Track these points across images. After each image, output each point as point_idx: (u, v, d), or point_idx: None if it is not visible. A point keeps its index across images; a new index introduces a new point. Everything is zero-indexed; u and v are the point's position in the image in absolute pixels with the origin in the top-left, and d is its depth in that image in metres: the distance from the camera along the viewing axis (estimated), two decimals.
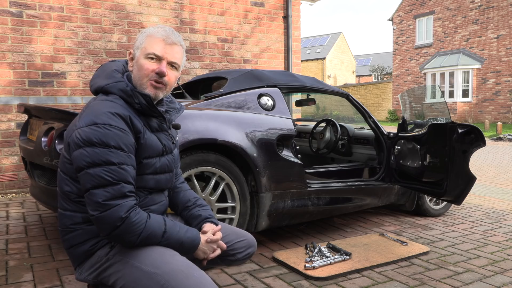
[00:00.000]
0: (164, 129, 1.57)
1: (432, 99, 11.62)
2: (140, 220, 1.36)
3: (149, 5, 5.19)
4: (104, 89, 1.48)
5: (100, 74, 1.55)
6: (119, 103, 1.43)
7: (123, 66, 1.58)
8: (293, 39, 6.38)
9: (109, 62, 1.59)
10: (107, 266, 1.42)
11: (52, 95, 4.64)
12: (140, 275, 1.36)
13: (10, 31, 4.40)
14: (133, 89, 1.46)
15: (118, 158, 1.35)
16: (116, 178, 1.33)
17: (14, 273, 2.35)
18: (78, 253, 1.47)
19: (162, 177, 1.56)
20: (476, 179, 2.90)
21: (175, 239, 1.44)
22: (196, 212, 1.68)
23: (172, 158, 1.61)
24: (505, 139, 12.42)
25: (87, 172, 1.33)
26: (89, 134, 1.34)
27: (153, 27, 1.53)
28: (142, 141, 1.45)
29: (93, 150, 1.33)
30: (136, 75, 1.50)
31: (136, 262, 1.38)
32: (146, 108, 1.47)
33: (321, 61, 34.92)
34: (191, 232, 1.50)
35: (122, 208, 1.32)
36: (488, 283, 2.37)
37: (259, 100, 2.86)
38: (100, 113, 1.37)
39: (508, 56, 17.83)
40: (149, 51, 1.48)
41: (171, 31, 1.52)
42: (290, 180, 2.78)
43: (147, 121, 1.51)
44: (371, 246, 2.89)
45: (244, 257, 1.70)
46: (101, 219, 1.32)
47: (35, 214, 3.62)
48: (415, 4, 21.68)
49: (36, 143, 2.64)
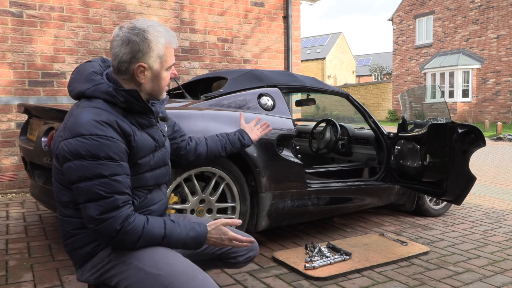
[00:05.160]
0: (153, 123, 1.53)
1: (432, 99, 11.62)
2: (136, 228, 1.34)
3: (149, 5, 5.19)
4: (86, 94, 1.40)
5: (77, 78, 1.47)
6: (103, 107, 1.37)
7: (99, 65, 1.51)
8: (293, 39, 6.38)
9: (85, 64, 1.51)
10: (109, 267, 1.41)
11: (52, 95, 4.64)
12: (144, 277, 1.35)
13: (10, 31, 4.40)
14: (116, 88, 1.39)
15: (109, 170, 1.31)
16: (109, 191, 1.30)
17: (14, 273, 2.35)
18: (80, 255, 1.46)
19: (159, 171, 1.53)
20: (476, 179, 2.90)
21: (177, 241, 1.42)
22: (225, 140, 1.97)
23: (166, 151, 1.59)
24: (505, 139, 12.42)
25: (78, 186, 1.30)
26: (77, 146, 1.29)
27: (157, 33, 1.42)
28: (134, 144, 1.41)
29: (82, 163, 1.29)
30: (156, 87, 1.46)
31: (140, 263, 1.37)
32: (133, 104, 1.42)
33: (321, 61, 34.93)
34: (194, 231, 1.46)
35: (116, 220, 1.31)
36: (488, 283, 2.37)
37: (259, 100, 2.86)
38: (85, 123, 1.31)
39: (508, 56, 17.83)
40: (170, 64, 1.46)
41: (171, 32, 1.49)
42: (290, 180, 2.78)
43: (136, 119, 1.45)
44: (371, 246, 2.89)
45: (245, 260, 1.70)
46: (97, 231, 1.32)
47: (35, 214, 3.62)
48: (415, 4, 21.69)
49: (36, 143, 2.64)
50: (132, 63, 1.40)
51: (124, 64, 1.40)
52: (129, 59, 1.39)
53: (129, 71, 1.41)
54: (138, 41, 1.38)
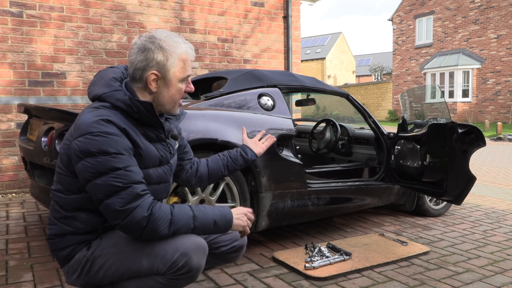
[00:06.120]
0: (161, 139, 1.54)
1: (432, 99, 11.60)
2: (164, 212, 1.35)
3: (149, 5, 5.19)
4: (101, 98, 1.44)
5: (97, 82, 1.50)
6: (113, 112, 1.40)
7: (122, 73, 1.53)
8: (293, 39, 6.38)
9: (108, 69, 1.54)
10: (89, 266, 1.44)
11: (52, 95, 4.64)
12: (124, 257, 1.40)
13: (10, 31, 4.40)
14: (132, 98, 1.41)
15: (122, 163, 1.33)
16: (126, 182, 1.32)
17: (14, 273, 2.35)
18: (60, 256, 1.50)
19: (158, 187, 1.55)
20: (476, 179, 2.90)
21: (207, 220, 1.43)
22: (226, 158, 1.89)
23: (169, 169, 1.60)
24: (505, 139, 12.42)
25: (94, 183, 1.31)
26: (86, 145, 1.31)
27: (176, 41, 1.44)
28: (138, 152, 1.43)
29: (95, 160, 1.31)
30: (169, 98, 1.47)
31: (115, 249, 1.41)
32: (146, 117, 1.44)
33: (321, 61, 34.93)
34: (219, 210, 1.48)
35: (142, 207, 1.32)
36: (488, 283, 2.37)
37: (259, 100, 2.86)
38: (93, 122, 1.34)
39: (508, 56, 17.83)
40: (186, 75, 1.46)
41: (189, 44, 1.49)
42: (290, 180, 2.78)
43: (145, 130, 1.47)
44: (371, 246, 2.89)
45: (230, 251, 1.66)
46: (126, 225, 1.32)
47: (35, 214, 3.62)
48: (415, 4, 21.69)
49: (36, 143, 2.64)
50: (146, 70, 1.42)
51: (138, 72, 1.43)
52: (143, 66, 1.41)
53: (142, 79, 1.43)
54: (153, 49, 1.40)
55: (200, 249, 1.41)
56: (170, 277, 1.38)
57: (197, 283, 2.25)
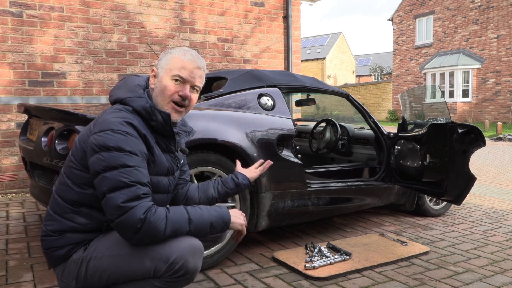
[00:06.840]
0: (171, 150, 1.61)
1: (432, 99, 11.60)
2: (158, 217, 1.36)
3: (149, 5, 5.19)
4: (123, 102, 1.52)
5: (122, 86, 1.59)
6: (134, 116, 1.48)
7: (145, 82, 1.62)
8: (293, 39, 6.38)
9: (133, 76, 1.63)
10: (85, 268, 1.45)
11: (52, 95, 4.64)
12: (120, 260, 1.41)
13: (10, 31, 4.40)
14: (152, 106, 1.50)
15: (134, 162, 1.38)
16: (132, 180, 1.35)
17: (14, 273, 2.35)
18: (54, 256, 1.49)
19: (161, 196, 1.58)
20: (476, 179, 2.90)
21: (203, 222, 1.45)
22: (217, 182, 1.85)
23: (173, 180, 1.65)
24: (505, 139, 12.42)
25: (103, 176, 1.35)
26: (105, 139, 1.37)
27: (179, 49, 1.57)
28: (153, 158, 1.49)
29: (109, 154, 1.36)
30: (158, 94, 1.55)
31: (110, 252, 1.42)
32: (161, 126, 1.52)
33: (321, 61, 34.92)
34: (216, 211, 1.50)
35: (140, 209, 1.34)
36: (488, 283, 2.37)
37: (259, 100, 2.86)
38: (116, 121, 1.41)
39: (508, 56, 17.83)
40: (175, 73, 1.53)
41: (196, 55, 1.57)
42: (290, 180, 2.78)
43: (157, 139, 1.55)
44: (371, 246, 2.89)
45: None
46: (121, 223, 1.33)
47: (35, 214, 3.62)
48: (415, 4, 21.68)
49: (36, 143, 2.64)
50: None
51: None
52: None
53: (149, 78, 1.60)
54: (163, 53, 1.58)
55: (196, 251, 1.42)
56: (167, 280, 1.39)
57: (197, 283, 2.25)
